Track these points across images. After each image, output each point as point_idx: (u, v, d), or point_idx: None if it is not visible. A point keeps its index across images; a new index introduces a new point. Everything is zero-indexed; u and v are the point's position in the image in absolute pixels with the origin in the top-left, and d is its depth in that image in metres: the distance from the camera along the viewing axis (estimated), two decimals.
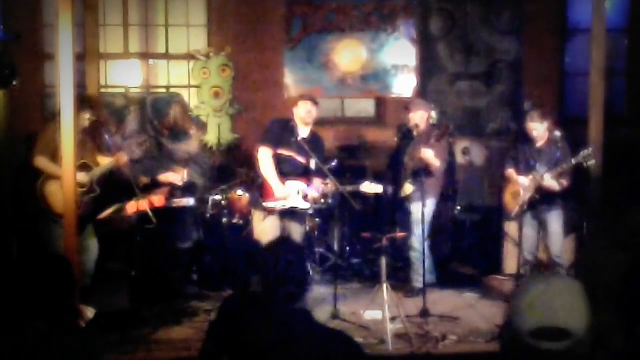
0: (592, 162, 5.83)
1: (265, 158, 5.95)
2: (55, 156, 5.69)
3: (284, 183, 5.94)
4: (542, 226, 6.14)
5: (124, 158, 5.89)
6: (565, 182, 6.01)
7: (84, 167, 5.80)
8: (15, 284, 2.53)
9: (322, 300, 6.08)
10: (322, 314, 5.61)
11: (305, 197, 6.01)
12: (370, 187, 6.00)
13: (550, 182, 5.90)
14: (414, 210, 6.52)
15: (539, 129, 6.07)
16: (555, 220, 6.11)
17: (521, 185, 6.12)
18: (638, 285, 2.56)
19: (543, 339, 1.96)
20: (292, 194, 5.96)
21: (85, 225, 5.83)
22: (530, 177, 6.02)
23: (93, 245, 6.03)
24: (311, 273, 6.77)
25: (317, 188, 6.05)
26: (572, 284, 2.06)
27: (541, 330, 1.96)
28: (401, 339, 5.31)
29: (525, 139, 6.24)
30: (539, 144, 6.12)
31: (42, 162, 5.78)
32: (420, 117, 6.66)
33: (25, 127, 7.64)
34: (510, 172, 6.30)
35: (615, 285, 2.61)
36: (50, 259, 2.66)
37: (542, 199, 6.03)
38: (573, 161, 5.82)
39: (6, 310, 2.53)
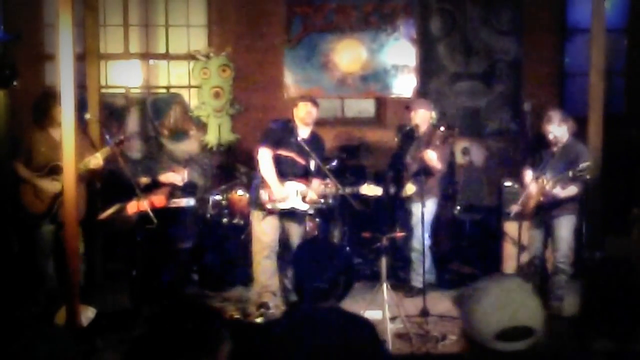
0: (587, 177, 5.69)
1: (264, 159, 5.96)
2: (29, 159, 5.84)
3: (283, 184, 5.95)
4: (550, 231, 6.02)
5: (98, 161, 5.86)
6: (575, 189, 5.82)
7: (54, 169, 5.82)
8: None
9: None
10: None
11: (304, 198, 6.01)
12: (370, 189, 5.99)
13: (552, 188, 5.75)
14: (414, 210, 6.52)
15: (554, 132, 5.83)
16: (563, 225, 5.93)
17: (529, 186, 6.01)
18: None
19: (507, 340, 1.97)
20: (291, 194, 5.96)
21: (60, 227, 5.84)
22: (538, 180, 5.88)
23: (80, 248, 6.03)
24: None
25: (316, 189, 6.05)
26: (522, 283, 2.08)
27: (504, 331, 1.97)
28: (401, 339, 5.32)
29: (541, 140, 6.03)
30: (554, 147, 5.90)
31: (17, 166, 5.96)
32: (422, 117, 6.66)
33: (25, 127, 7.64)
34: (527, 172, 6.13)
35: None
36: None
37: (550, 203, 5.89)
38: (570, 174, 5.67)
39: None
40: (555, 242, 5.97)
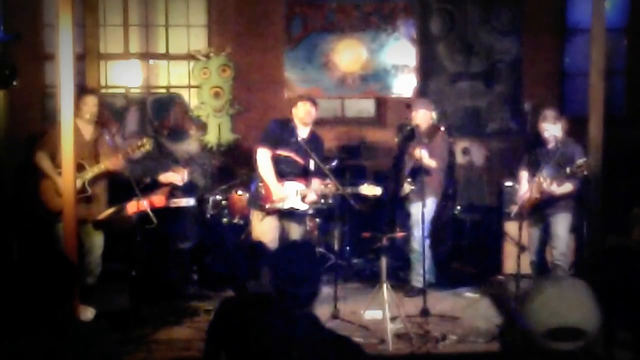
0: (584, 173, 5.72)
1: (263, 159, 5.95)
2: (55, 154, 5.80)
3: (282, 184, 5.94)
4: (547, 228, 6.05)
5: (118, 162, 5.87)
6: (570, 186, 5.86)
7: (77, 167, 5.80)
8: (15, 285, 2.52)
9: (322, 300, 6.07)
10: (322, 314, 5.61)
11: (303, 198, 6.01)
12: (369, 189, 5.99)
13: (549, 186, 5.78)
14: (414, 210, 6.51)
15: (550, 130, 5.89)
16: (559, 223, 5.97)
17: (525, 186, 6.04)
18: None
19: (557, 339, 1.97)
20: (290, 194, 5.96)
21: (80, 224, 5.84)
22: (535, 178, 5.91)
23: (98, 243, 6.02)
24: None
25: (316, 189, 6.05)
26: (582, 284, 2.08)
27: (555, 330, 1.98)
28: (401, 339, 5.31)
29: (537, 139, 6.10)
30: (550, 145, 5.96)
31: (40, 159, 5.89)
32: (422, 116, 6.65)
33: (25, 127, 7.65)
34: (522, 173, 6.17)
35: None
36: (51, 258, 2.66)
37: (546, 201, 5.92)
38: (568, 170, 5.71)
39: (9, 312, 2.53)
40: (553, 240, 6.00)
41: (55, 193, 5.86)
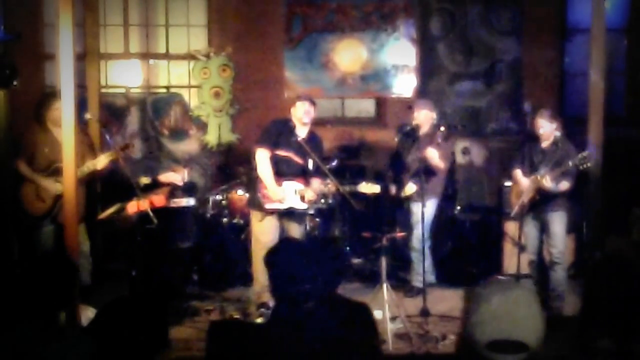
0: (588, 165, 5.78)
1: (262, 159, 5.96)
2: (32, 160, 5.82)
3: (281, 184, 5.94)
4: (544, 227, 6.10)
5: (101, 164, 5.83)
6: (567, 184, 5.92)
7: (55, 171, 5.78)
8: (17, 284, 2.53)
9: None
10: None
11: (302, 198, 6.01)
12: (367, 187, 5.99)
13: (549, 183, 5.83)
14: (415, 210, 6.52)
15: (545, 128, 5.98)
16: (556, 221, 6.04)
17: (523, 185, 6.09)
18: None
19: (499, 351, 1.95)
20: (288, 194, 5.96)
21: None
22: (532, 177, 5.97)
23: (86, 247, 6.02)
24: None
25: (315, 189, 6.05)
26: (529, 293, 2.05)
27: (498, 342, 1.95)
28: (401, 339, 5.32)
29: (532, 138, 6.18)
30: (544, 144, 6.05)
31: (19, 165, 5.94)
32: (424, 117, 6.66)
33: (28, 127, 7.64)
34: (517, 171, 6.22)
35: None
36: (54, 259, 2.68)
37: (543, 200, 5.97)
38: (570, 163, 5.76)
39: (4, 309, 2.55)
40: (550, 239, 6.03)
41: (35, 197, 5.87)
